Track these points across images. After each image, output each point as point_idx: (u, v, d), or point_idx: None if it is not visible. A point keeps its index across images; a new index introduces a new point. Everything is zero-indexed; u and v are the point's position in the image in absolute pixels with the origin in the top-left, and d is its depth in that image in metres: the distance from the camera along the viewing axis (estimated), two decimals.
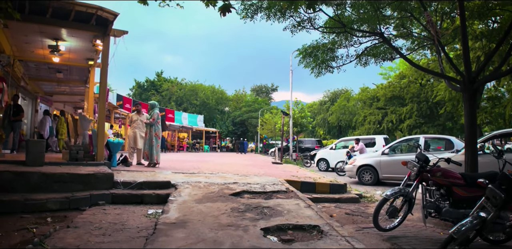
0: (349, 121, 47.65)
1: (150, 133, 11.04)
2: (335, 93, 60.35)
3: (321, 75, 9.47)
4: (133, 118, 11.72)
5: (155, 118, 11.09)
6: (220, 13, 3.89)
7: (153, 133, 11.02)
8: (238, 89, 71.24)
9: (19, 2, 7.13)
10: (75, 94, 19.67)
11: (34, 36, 10.28)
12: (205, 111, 55.50)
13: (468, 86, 7.79)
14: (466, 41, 7.71)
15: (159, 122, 11.33)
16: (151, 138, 10.97)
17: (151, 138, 10.98)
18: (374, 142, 19.68)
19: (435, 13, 9.61)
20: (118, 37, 9.02)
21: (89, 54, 11.81)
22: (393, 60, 9.96)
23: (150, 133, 11.05)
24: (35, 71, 14.68)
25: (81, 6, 8.20)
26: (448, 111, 28.60)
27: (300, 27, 8.68)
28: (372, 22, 8.30)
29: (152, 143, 10.92)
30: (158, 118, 11.27)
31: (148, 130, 11.13)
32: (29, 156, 7.38)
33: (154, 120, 11.05)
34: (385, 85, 41.11)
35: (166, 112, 38.97)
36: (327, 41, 9.33)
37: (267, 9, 8.00)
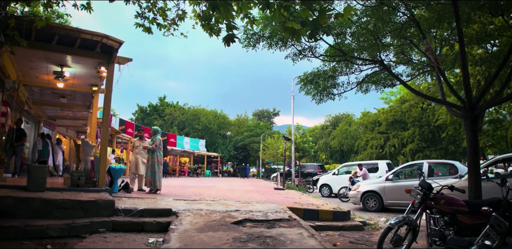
0: (351, 145, 47.48)
1: (152, 159, 10.99)
2: (337, 118, 60.49)
3: (323, 102, 9.54)
4: (135, 143, 11.70)
5: (158, 144, 11.06)
6: (225, 43, 3.95)
7: (155, 159, 10.96)
8: (240, 114, 71.50)
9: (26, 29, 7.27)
10: (78, 118, 19.75)
11: (39, 62, 10.44)
12: (207, 135, 55.47)
13: (469, 112, 7.81)
14: (466, 68, 7.79)
15: (161, 148, 11.30)
16: (153, 165, 10.91)
17: (153, 164, 10.91)
18: (377, 167, 19.53)
19: (434, 39, 9.78)
20: (122, 65, 9.15)
21: (93, 80, 11.95)
22: (393, 87, 10.05)
23: (152, 160, 10.99)
24: (39, 95, 14.82)
25: (87, 34, 8.36)
26: (450, 134, 28.54)
27: (301, 55, 8.82)
28: (372, 50, 8.44)
29: (155, 169, 10.85)
30: (160, 144, 11.25)
31: (150, 156, 11.07)
32: (31, 182, 7.35)
33: (157, 146, 11.02)
34: (387, 109, 41.23)
35: (168, 136, 38.98)
36: (327, 68, 9.46)
37: (269, 38, 8.16)
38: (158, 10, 6.64)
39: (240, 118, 69.41)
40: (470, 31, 9.54)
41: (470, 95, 7.84)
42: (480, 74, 13.82)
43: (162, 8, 6.65)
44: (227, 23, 4.01)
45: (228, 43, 3.96)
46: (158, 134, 11.42)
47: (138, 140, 11.77)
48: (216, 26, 4.20)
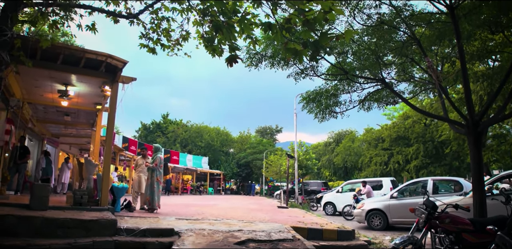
0: (355, 162, 47.19)
1: (152, 178, 10.93)
2: (340, 134, 60.33)
3: (325, 120, 9.56)
4: (139, 162, 11.68)
5: (158, 163, 11.02)
6: (227, 64, 3.99)
7: (155, 178, 10.90)
8: (243, 131, 71.45)
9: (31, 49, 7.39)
10: (81, 136, 19.83)
11: (44, 81, 10.55)
12: (209, 153, 55.37)
13: (472, 130, 7.80)
14: (467, 85, 7.83)
15: (162, 166, 11.26)
16: (152, 183, 10.84)
17: (152, 183, 10.85)
18: (381, 184, 19.36)
19: (435, 56, 9.85)
20: (126, 84, 9.24)
21: (97, 99, 12.04)
22: (396, 104, 10.09)
23: (151, 178, 10.93)
24: (43, 113, 14.92)
25: (92, 53, 8.48)
26: (454, 150, 28.39)
27: (303, 74, 8.90)
28: (374, 68, 8.51)
29: (154, 188, 10.78)
30: (161, 163, 11.21)
31: (149, 174, 11.02)
32: (33, 200, 7.36)
33: (157, 165, 10.99)
34: (390, 125, 41.15)
35: (171, 154, 38.95)
36: (330, 87, 9.53)
37: (271, 58, 8.26)
38: (162, 31, 6.76)
39: (243, 135, 69.38)
40: (471, 48, 9.62)
41: (472, 112, 7.85)
42: (483, 90, 13.85)
43: (166, 29, 6.76)
44: (230, 44, 4.06)
45: (231, 64, 4.01)
46: (159, 152, 11.40)
47: (141, 158, 11.76)
48: (219, 47, 4.26)
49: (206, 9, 4.94)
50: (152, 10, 6.47)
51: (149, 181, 10.95)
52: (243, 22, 4.16)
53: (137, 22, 6.62)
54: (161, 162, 11.19)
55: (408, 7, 8.67)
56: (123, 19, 6.45)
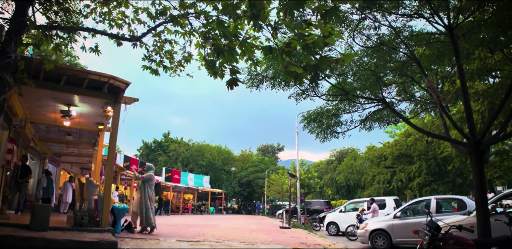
0: (357, 180, 46.85)
1: (145, 195, 10.84)
2: (342, 152, 60.13)
3: (327, 140, 9.56)
4: (138, 184, 11.66)
5: (145, 176, 11.01)
6: (228, 87, 4.03)
7: (147, 195, 10.83)
8: (245, 149, 71.37)
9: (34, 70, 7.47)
10: (83, 155, 19.83)
11: (47, 101, 10.62)
12: (211, 171, 55.09)
13: (474, 149, 7.79)
14: (468, 105, 7.85)
15: (152, 184, 11.20)
16: (145, 201, 10.75)
17: (145, 200, 10.76)
18: (384, 203, 19.14)
19: (435, 76, 9.91)
20: (128, 104, 9.30)
21: (99, 119, 12.09)
22: (397, 124, 10.11)
23: (144, 195, 10.84)
24: (45, 133, 14.97)
25: (95, 75, 8.57)
26: (456, 167, 28.21)
27: (304, 95, 8.96)
28: (374, 89, 8.57)
29: (147, 205, 10.68)
30: (151, 180, 11.16)
31: (142, 192, 10.93)
32: (34, 221, 7.32)
33: (144, 177, 10.97)
34: (392, 143, 41.06)
35: (172, 173, 38.78)
36: (331, 107, 9.58)
37: (272, 79, 8.34)
38: (165, 53, 6.86)
39: (244, 154, 69.18)
40: (470, 67, 9.70)
41: (474, 132, 7.85)
42: (484, 107, 13.87)
43: (169, 51, 6.87)
44: (231, 67, 4.12)
45: (232, 87, 4.05)
46: (151, 171, 11.41)
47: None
48: (220, 70, 4.32)
49: (208, 32, 5.03)
50: (155, 33, 6.59)
51: (143, 199, 10.83)
52: (244, 45, 4.23)
53: (140, 45, 6.72)
54: (150, 178, 11.14)
55: (407, 28, 8.81)
56: (126, 41, 6.55)
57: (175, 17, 5.91)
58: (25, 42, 6.40)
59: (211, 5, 5.29)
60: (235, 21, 4.43)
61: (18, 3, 5.18)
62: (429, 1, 7.98)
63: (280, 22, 3.74)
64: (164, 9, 6.16)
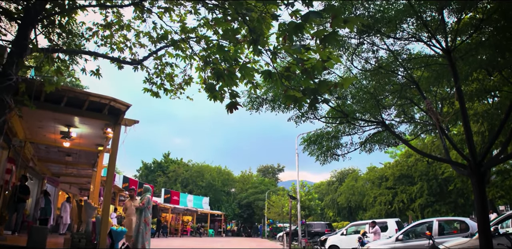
0: (359, 202, 46.38)
1: (140, 218, 10.61)
2: (343, 173, 59.75)
3: (327, 163, 9.53)
4: (127, 204, 11.44)
5: (145, 202, 10.76)
6: (228, 110, 4.04)
7: (143, 219, 10.59)
8: (245, 170, 70.91)
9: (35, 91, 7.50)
10: (82, 176, 19.75)
11: (47, 122, 10.62)
12: (210, 193, 54.59)
13: (475, 171, 7.74)
14: (468, 127, 7.86)
15: (150, 207, 10.98)
16: (139, 224, 10.51)
17: (139, 224, 10.52)
18: (386, 226, 18.90)
19: (434, 97, 9.97)
20: (129, 126, 9.31)
21: (99, 140, 12.08)
22: (397, 146, 10.10)
23: (139, 219, 10.61)
24: (45, 153, 14.92)
25: (95, 96, 8.60)
26: (458, 187, 28.00)
27: (304, 118, 9.00)
28: (373, 111, 8.60)
29: (140, 229, 10.39)
30: (149, 203, 10.94)
31: (138, 215, 10.70)
32: (31, 242, 7.30)
33: (144, 204, 10.73)
34: (393, 164, 40.89)
35: (172, 194, 38.43)
36: (330, 129, 9.59)
37: (271, 101, 8.39)
38: (165, 76, 6.93)
39: (244, 175, 68.76)
40: (469, 88, 9.77)
41: (474, 153, 7.82)
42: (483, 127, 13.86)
43: (170, 74, 6.93)
44: (231, 91, 4.14)
45: (231, 110, 4.05)
46: (148, 193, 11.17)
47: (129, 201, 11.53)
48: (219, 94, 4.34)
49: (208, 56, 5.09)
50: (156, 56, 6.67)
51: (137, 222, 10.62)
52: (244, 69, 4.27)
53: (141, 68, 6.80)
54: (149, 202, 10.92)
55: (406, 51, 8.93)
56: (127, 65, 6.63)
57: (176, 42, 6.00)
58: (26, 64, 6.47)
59: (212, 29, 5.38)
60: (235, 45, 4.49)
61: (21, 25, 5.26)
62: (426, 24, 8.12)
63: (279, 47, 3.79)
64: (165, 33, 6.26)
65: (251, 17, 3.86)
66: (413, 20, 8.32)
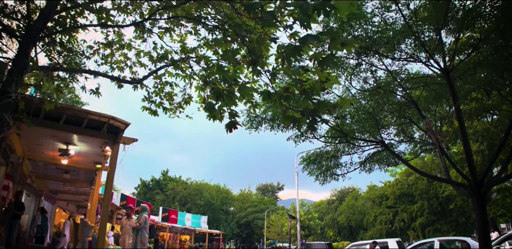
0: (359, 221, 45.84)
1: (136, 238, 10.41)
2: (343, 192, 59.27)
3: (326, 182, 9.46)
4: (123, 223, 11.25)
5: (142, 222, 10.59)
6: (227, 130, 4.03)
7: (139, 239, 10.39)
8: (244, 188, 70.40)
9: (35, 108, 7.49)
10: (80, 194, 19.57)
11: (46, 139, 10.57)
12: (209, 211, 53.97)
13: (475, 190, 7.69)
14: (468, 147, 7.83)
15: (147, 227, 10.79)
16: (135, 244, 10.31)
17: (135, 243, 10.32)
18: (387, 246, 18.58)
19: (433, 117, 9.98)
20: (127, 144, 9.27)
21: (97, 158, 12.01)
22: (397, 165, 10.06)
23: (135, 239, 10.41)
24: (43, 170, 14.81)
25: (94, 115, 8.59)
26: (459, 206, 27.72)
27: (303, 137, 8.99)
28: (373, 131, 8.60)
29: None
30: (146, 223, 10.76)
31: (134, 235, 10.51)
32: None
33: (141, 224, 10.55)
34: (393, 182, 40.64)
35: (170, 212, 37.94)
36: (330, 148, 9.57)
37: (271, 121, 8.39)
38: (165, 95, 6.94)
39: (243, 193, 68.21)
40: (468, 107, 9.79)
41: (474, 173, 7.77)
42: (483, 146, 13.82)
43: (169, 93, 6.95)
44: (230, 111, 4.14)
45: (230, 130, 4.04)
46: (145, 212, 11.01)
47: (125, 219, 11.35)
48: (219, 113, 4.34)
49: (208, 76, 5.11)
50: (156, 75, 6.70)
51: (133, 241, 10.41)
52: (244, 89, 4.28)
53: (141, 86, 6.81)
54: (146, 222, 10.74)
55: (404, 71, 8.99)
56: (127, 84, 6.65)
57: (176, 61, 6.03)
58: (26, 82, 6.48)
59: (212, 50, 5.42)
60: (235, 66, 4.51)
61: (22, 43, 5.29)
62: (424, 45, 8.20)
63: (278, 68, 3.81)
64: (166, 53, 6.31)
65: (250, 38, 3.89)
66: (411, 40, 8.41)
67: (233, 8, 3.96)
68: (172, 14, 5.51)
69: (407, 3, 8.39)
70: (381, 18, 8.27)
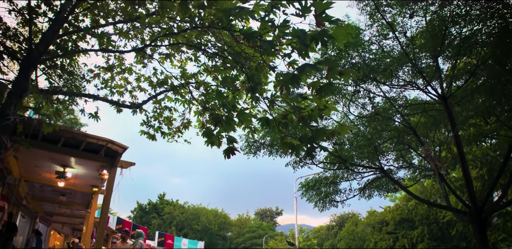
0: (359, 247, 44.92)
1: None
2: (342, 217, 58.37)
3: (325, 209, 9.35)
4: (118, 245, 11.02)
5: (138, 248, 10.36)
6: (225, 156, 4.01)
7: None
8: (242, 213, 69.34)
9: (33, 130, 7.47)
10: (75, 216, 19.35)
11: (43, 162, 10.50)
12: (206, 236, 52.91)
13: (475, 217, 7.59)
14: (467, 174, 7.79)
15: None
16: None
17: None
18: None
19: (432, 143, 9.98)
20: (125, 168, 9.21)
21: (94, 181, 11.91)
22: (396, 192, 9.98)
23: None
24: (39, 192, 14.65)
25: (93, 138, 8.58)
26: (460, 231, 27.25)
27: (302, 163, 8.96)
28: (372, 158, 8.59)
29: None
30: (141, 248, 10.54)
31: None
32: None
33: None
34: (393, 208, 40.16)
35: (166, 237, 37.17)
36: (329, 174, 9.52)
37: (269, 146, 8.39)
38: (164, 119, 6.96)
39: (241, 218, 67.15)
40: (466, 133, 9.79)
41: (474, 200, 7.70)
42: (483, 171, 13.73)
43: (168, 117, 6.97)
44: (228, 137, 4.14)
45: (229, 156, 4.03)
46: (141, 238, 10.81)
47: (120, 242, 11.14)
48: (217, 139, 4.33)
49: (207, 101, 5.14)
50: (156, 100, 6.74)
51: None
52: (242, 115, 4.30)
53: (140, 111, 6.84)
54: (141, 247, 10.52)
55: (402, 97, 9.06)
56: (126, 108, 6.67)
57: (175, 87, 6.09)
58: (25, 105, 6.50)
59: (211, 76, 5.48)
60: (234, 92, 4.55)
61: (23, 66, 5.33)
62: (421, 72, 8.30)
63: (277, 94, 3.84)
64: (166, 79, 6.38)
65: (249, 65, 3.94)
66: (408, 68, 8.52)
67: (233, 37, 4.03)
68: (173, 41, 5.59)
69: (404, 31, 8.56)
70: (379, 46, 8.42)
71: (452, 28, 8.35)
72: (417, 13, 8.71)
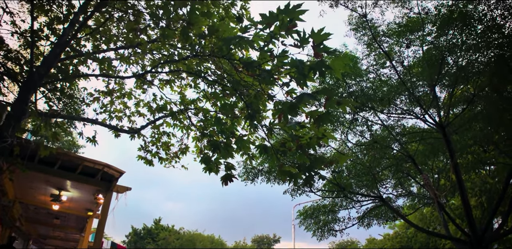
0: None
1: None
2: (341, 245, 57.13)
3: (324, 238, 9.20)
4: None
5: None
6: (222, 183, 3.99)
7: None
8: (239, 240, 67.78)
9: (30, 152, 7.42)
10: (69, 240, 19.05)
11: (39, 184, 10.40)
12: None
13: (476, 247, 7.46)
14: (467, 203, 7.73)
15: None
16: None
17: None
18: None
19: (431, 171, 9.94)
20: (120, 193, 9.12)
21: (89, 205, 11.76)
22: (396, 220, 9.85)
23: None
24: (33, 214, 14.42)
25: (89, 162, 8.54)
26: None
27: (300, 191, 8.90)
28: (370, 186, 8.55)
29: None
30: None
31: None
32: None
33: None
34: (392, 235, 39.39)
35: None
36: (327, 202, 9.43)
37: (267, 173, 8.36)
38: (162, 144, 6.94)
39: (238, 245, 65.71)
40: (465, 161, 9.76)
41: (474, 229, 7.60)
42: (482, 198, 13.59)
43: (166, 142, 6.96)
44: (226, 163, 4.13)
45: (226, 183, 4.01)
46: None
47: None
48: (215, 166, 4.32)
49: (206, 128, 5.16)
50: (154, 125, 6.75)
51: None
52: (241, 142, 4.30)
53: (138, 136, 6.83)
54: None
55: (400, 125, 9.10)
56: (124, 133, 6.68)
57: (174, 113, 6.12)
58: (23, 127, 6.49)
59: (210, 102, 5.53)
60: (233, 119, 4.57)
61: (23, 88, 5.34)
62: (419, 100, 8.38)
63: (275, 123, 3.86)
64: (165, 104, 6.42)
65: (248, 93, 3.98)
66: (405, 96, 8.60)
67: (233, 65, 4.10)
68: (173, 67, 5.67)
69: (401, 60, 8.70)
70: (376, 74, 8.54)
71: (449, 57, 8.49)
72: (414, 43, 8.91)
